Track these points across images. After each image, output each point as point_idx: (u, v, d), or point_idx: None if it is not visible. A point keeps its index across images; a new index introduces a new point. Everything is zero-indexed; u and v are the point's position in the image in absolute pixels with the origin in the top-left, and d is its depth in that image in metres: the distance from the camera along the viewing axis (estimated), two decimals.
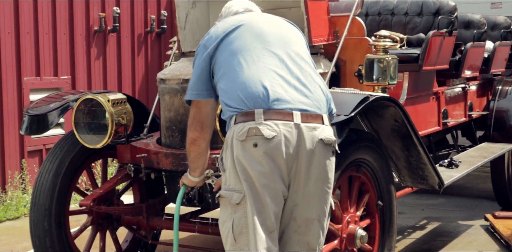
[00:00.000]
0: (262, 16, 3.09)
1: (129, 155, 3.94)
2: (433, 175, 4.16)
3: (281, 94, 2.76)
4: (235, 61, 2.84)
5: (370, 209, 3.84)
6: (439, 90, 5.19)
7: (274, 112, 2.73)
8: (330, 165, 2.85)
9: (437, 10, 5.32)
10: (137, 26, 7.51)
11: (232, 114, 2.79)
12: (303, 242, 2.86)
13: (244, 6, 3.19)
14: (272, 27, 2.98)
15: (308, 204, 2.83)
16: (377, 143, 3.79)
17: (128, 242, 4.46)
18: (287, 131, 2.72)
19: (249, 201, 2.71)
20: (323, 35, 3.97)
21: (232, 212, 2.76)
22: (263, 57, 2.84)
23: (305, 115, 2.76)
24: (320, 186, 2.83)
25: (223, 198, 2.79)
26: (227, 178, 2.80)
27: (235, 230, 2.74)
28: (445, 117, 5.25)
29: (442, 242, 5.24)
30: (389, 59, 3.96)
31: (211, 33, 2.99)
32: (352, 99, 3.34)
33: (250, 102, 2.74)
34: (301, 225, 2.84)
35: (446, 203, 6.59)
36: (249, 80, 2.77)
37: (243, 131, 2.72)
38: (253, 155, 2.70)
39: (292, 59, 2.88)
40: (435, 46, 4.76)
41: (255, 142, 2.70)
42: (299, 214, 2.83)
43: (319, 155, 2.79)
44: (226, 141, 2.81)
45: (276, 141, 2.70)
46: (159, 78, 3.88)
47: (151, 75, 7.69)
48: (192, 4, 4.09)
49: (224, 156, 2.83)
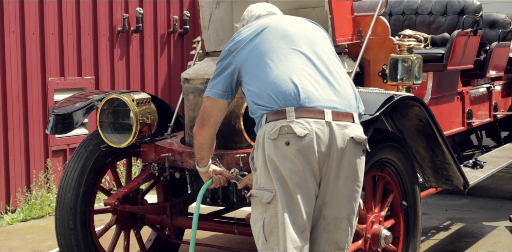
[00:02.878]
0: (286, 17, 3.11)
1: (153, 154, 3.96)
2: (457, 175, 4.15)
3: (311, 92, 2.76)
4: (263, 63, 2.85)
5: (395, 209, 3.83)
6: (464, 90, 5.17)
7: (306, 110, 2.73)
8: (361, 163, 2.85)
9: (461, 9, 5.30)
10: (160, 26, 7.54)
11: (263, 113, 2.80)
12: (332, 240, 2.86)
13: (267, 9, 3.21)
14: (296, 27, 2.99)
15: (338, 203, 2.83)
16: (401, 143, 3.78)
17: (151, 241, 4.48)
18: (319, 128, 2.72)
19: (280, 200, 2.71)
20: (347, 34, 3.96)
21: (263, 211, 2.76)
22: (290, 57, 2.85)
23: (336, 113, 2.76)
24: (350, 184, 2.83)
25: (254, 197, 2.80)
26: (258, 177, 2.80)
27: (266, 229, 2.75)
28: (470, 118, 5.23)
29: (466, 243, 5.21)
30: (413, 58, 3.95)
31: (236, 38, 3.01)
32: (377, 99, 3.33)
33: (281, 100, 2.75)
34: (330, 223, 2.84)
35: (470, 204, 6.55)
36: (279, 79, 2.78)
37: (274, 129, 2.72)
38: (285, 153, 2.70)
39: (319, 58, 2.89)
40: (459, 46, 4.76)
41: (287, 140, 2.70)
42: (328, 212, 2.83)
43: (350, 153, 2.79)
44: (257, 140, 2.81)
45: (308, 139, 2.70)
46: (183, 78, 3.90)
47: (173, 75, 7.72)
48: (216, 4, 4.10)
49: (255, 155, 2.83)
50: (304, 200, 2.73)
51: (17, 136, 6.10)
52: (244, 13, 3.29)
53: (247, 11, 3.26)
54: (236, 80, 2.97)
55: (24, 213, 5.98)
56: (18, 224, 5.86)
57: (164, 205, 4.15)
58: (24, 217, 5.96)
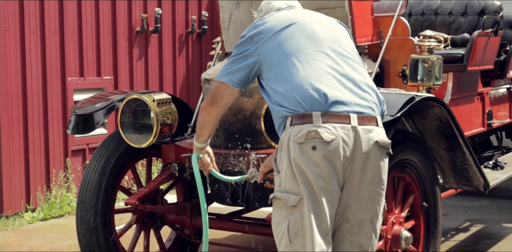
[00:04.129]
0: (312, 15, 3.06)
1: (174, 154, 3.97)
2: (478, 177, 4.14)
3: (338, 96, 2.75)
4: (289, 62, 2.82)
5: (415, 210, 3.82)
6: (484, 90, 5.15)
7: (332, 115, 2.71)
8: (384, 166, 2.84)
9: (482, 9, 5.28)
10: (178, 26, 7.57)
11: (287, 115, 2.77)
12: (355, 243, 2.85)
13: (286, 2, 3.16)
14: (324, 27, 2.96)
15: (361, 206, 2.82)
16: (422, 144, 3.77)
17: (171, 241, 4.49)
18: (345, 133, 2.71)
19: (306, 203, 2.69)
20: (367, 35, 3.97)
21: (287, 214, 2.74)
22: (317, 59, 2.83)
23: (361, 117, 2.75)
24: (374, 187, 2.82)
25: (278, 199, 2.77)
26: (282, 179, 2.77)
27: (291, 232, 2.72)
28: (490, 118, 5.21)
29: (486, 245, 5.19)
30: (434, 59, 3.94)
31: (260, 27, 2.94)
32: (398, 100, 3.33)
33: (307, 104, 2.73)
34: (354, 226, 2.83)
35: (490, 205, 6.51)
36: (305, 83, 2.75)
37: (301, 134, 2.70)
38: (312, 157, 2.69)
39: (346, 61, 2.87)
40: (480, 46, 4.74)
41: (313, 145, 2.68)
42: (352, 215, 2.82)
43: (374, 157, 2.78)
44: (281, 142, 2.79)
45: (335, 144, 2.69)
46: (203, 78, 3.91)
47: (192, 75, 7.74)
48: (236, 4, 4.11)
49: (279, 157, 2.80)
50: (328, 204, 2.72)
51: (37, 135, 6.15)
52: (262, 4, 3.25)
53: (266, 3, 3.22)
54: (255, 72, 2.93)
55: (44, 212, 6.03)
56: (38, 223, 5.91)
57: (184, 205, 4.17)
58: (44, 216, 6.01)
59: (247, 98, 3.63)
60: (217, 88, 3.00)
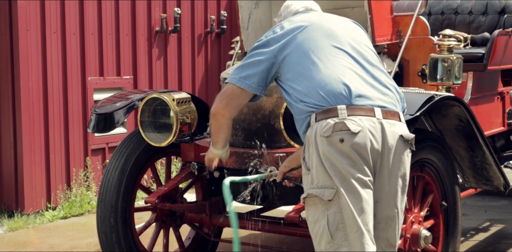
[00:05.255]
0: (328, 16, 3.09)
1: (193, 153, 4.00)
2: (498, 176, 4.13)
3: (362, 90, 2.77)
4: (309, 61, 2.84)
5: (434, 210, 3.82)
6: (504, 90, 5.13)
7: (357, 108, 2.73)
8: (408, 161, 2.86)
9: (502, 8, 5.26)
10: (197, 26, 7.60)
11: (311, 111, 2.78)
12: (383, 238, 2.86)
13: (305, 5, 3.19)
14: (340, 27, 2.99)
15: (389, 201, 2.83)
16: (441, 143, 3.77)
17: (190, 240, 4.52)
18: (371, 125, 2.72)
19: (342, 195, 2.69)
20: (386, 34, 3.98)
21: (324, 210, 2.73)
22: (337, 56, 2.85)
23: (385, 111, 2.77)
24: (400, 183, 2.83)
25: (312, 197, 2.76)
26: (313, 176, 2.76)
27: (331, 226, 2.71)
28: (510, 118, 5.19)
29: (506, 245, 5.18)
30: (453, 58, 3.95)
31: (277, 32, 2.98)
32: (418, 99, 3.34)
33: (332, 99, 2.75)
34: (381, 221, 2.84)
35: (510, 205, 6.48)
36: (328, 78, 2.78)
37: (328, 127, 2.71)
38: (341, 149, 2.69)
39: (365, 58, 2.90)
40: (500, 45, 4.73)
41: (341, 137, 2.69)
42: (379, 211, 2.82)
43: (400, 151, 2.79)
44: (308, 139, 2.79)
45: (362, 135, 2.70)
46: (222, 78, 3.93)
47: (210, 75, 7.77)
48: (255, 4, 4.14)
49: (307, 155, 2.80)
50: (365, 194, 2.71)
51: (58, 134, 6.21)
52: (281, 9, 3.27)
53: (284, 7, 3.24)
54: (273, 76, 2.95)
55: (65, 211, 6.08)
56: (58, 221, 5.96)
57: (204, 203, 4.19)
58: (65, 214, 6.06)
59: (266, 98, 3.64)
60: (232, 91, 2.99)
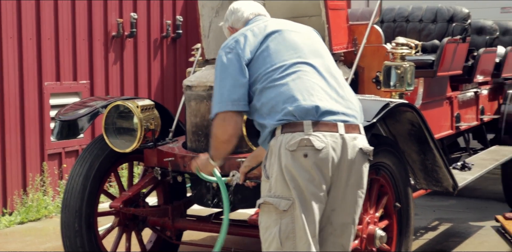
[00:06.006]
0: (289, 24, 3.13)
1: (156, 158, 4.06)
2: (447, 178, 4.27)
3: (327, 106, 2.85)
4: (275, 74, 2.90)
5: (388, 211, 3.94)
6: (453, 95, 5.29)
7: (322, 124, 2.82)
8: (366, 172, 2.97)
9: (451, 17, 5.42)
10: (153, 31, 7.63)
11: (277, 124, 2.85)
12: (338, 244, 2.97)
13: (253, 12, 3.21)
14: (303, 38, 3.05)
15: (345, 210, 2.94)
16: (395, 147, 3.90)
17: (152, 243, 4.59)
18: (334, 141, 2.82)
19: (297, 208, 2.79)
20: (343, 43, 4.10)
21: (278, 218, 2.82)
22: (304, 70, 2.92)
23: (347, 126, 2.87)
24: (356, 192, 2.94)
25: (268, 204, 2.84)
26: (272, 185, 2.85)
27: (282, 235, 2.81)
28: (458, 121, 5.35)
29: (454, 243, 5.34)
30: (406, 66, 4.08)
31: (242, 42, 2.98)
32: (374, 106, 3.46)
33: (299, 114, 2.82)
34: (337, 228, 2.95)
35: (457, 204, 6.68)
36: (296, 93, 2.85)
37: (294, 141, 2.79)
38: (303, 164, 2.78)
39: (328, 71, 2.98)
40: (449, 52, 4.87)
41: (305, 152, 2.78)
42: (336, 219, 2.93)
43: (358, 163, 2.91)
44: (271, 149, 2.87)
45: (325, 152, 2.80)
46: (185, 85, 4.01)
47: (166, 79, 7.82)
48: (215, 13, 4.21)
49: (268, 163, 2.88)
50: (317, 208, 2.82)
51: (14, 139, 6.19)
52: (227, 13, 3.26)
53: (230, 12, 3.24)
54: None
55: (21, 216, 6.06)
56: (15, 227, 5.93)
57: (166, 207, 4.27)
58: (21, 219, 6.04)
59: None
60: (223, 119, 2.95)
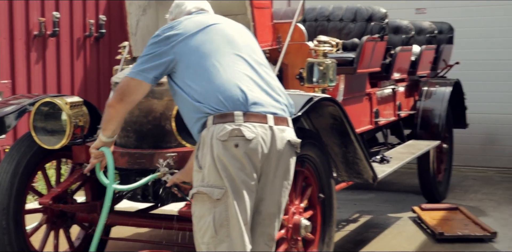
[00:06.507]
0: (227, 21, 3.23)
1: (84, 155, 4.04)
2: (368, 170, 4.43)
3: (257, 98, 2.95)
4: (209, 63, 2.97)
5: (313, 201, 4.06)
6: (372, 91, 5.47)
7: (252, 115, 2.91)
8: (293, 164, 3.09)
9: (369, 16, 5.61)
10: (76, 30, 7.58)
11: (208, 113, 2.93)
12: (266, 233, 3.07)
13: (196, 5, 3.29)
14: (238, 33, 3.16)
15: (273, 200, 3.04)
16: (319, 140, 4.04)
17: (80, 240, 4.57)
18: (263, 132, 2.92)
19: (230, 196, 2.87)
20: (267, 40, 4.22)
21: (211, 207, 2.89)
22: (236, 62, 3.01)
23: (276, 118, 2.97)
24: (283, 183, 3.05)
25: (202, 194, 2.91)
26: (205, 175, 2.92)
27: (216, 223, 2.88)
28: (377, 117, 5.53)
29: (374, 233, 5.54)
30: (328, 63, 4.23)
31: (176, 28, 3.05)
32: (298, 100, 3.57)
33: (229, 104, 2.90)
34: (265, 218, 3.05)
35: (376, 197, 6.90)
36: (228, 83, 2.93)
37: (225, 132, 2.86)
38: (235, 154, 2.86)
39: (259, 65, 3.09)
40: (368, 50, 5.04)
41: (236, 142, 2.86)
42: (264, 209, 3.03)
43: (286, 154, 3.01)
44: (203, 139, 2.93)
45: (255, 142, 2.89)
46: (113, 82, 4.03)
47: (89, 79, 7.79)
48: (142, 11, 4.26)
49: (201, 153, 2.94)
50: (249, 197, 2.91)
51: None
52: (172, 6, 3.34)
53: (176, 5, 3.32)
54: (169, 70, 3.05)
55: None
56: None
57: (95, 203, 4.27)
58: None
59: (157, 101, 3.76)
60: (127, 85, 3.09)
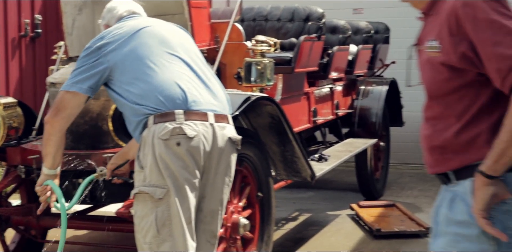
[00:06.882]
0: (158, 22, 3.22)
1: (19, 157, 3.99)
2: (306, 168, 4.48)
3: (196, 96, 2.95)
4: (145, 66, 2.96)
5: (251, 200, 4.09)
6: (309, 90, 5.51)
7: (193, 113, 2.91)
8: (234, 161, 3.10)
9: (307, 16, 5.66)
10: (11, 30, 7.41)
11: (148, 114, 2.91)
12: (208, 230, 3.08)
13: (128, 9, 3.27)
14: (172, 33, 3.14)
15: (215, 197, 3.05)
16: (257, 139, 4.06)
17: (15, 243, 4.49)
18: (204, 130, 2.92)
19: (172, 195, 2.86)
20: (205, 40, 4.22)
21: (153, 207, 2.88)
22: (172, 62, 3.00)
23: (216, 115, 2.98)
24: (225, 179, 3.06)
25: (143, 194, 2.90)
26: (146, 175, 2.90)
27: (159, 222, 2.87)
28: (315, 116, 5.58)
29: (313, 231, 5.57)
30: (266, 62, 4.25)
31: (106, 37, 3.05)
32: (236, 99, 3.60)
33: (169, 103, 2.89)
34: (207, 215, 3.05)
35: (315, 196, 6.94)
36: (166, 83, 2.92)
37: (166, 130, 2.86)
38: (177, 152, 2.86)
39: (196, 64, 3.08)
40: (305, 50, 5.08)
41: (178, 141, 2.86)
42: (206, 206, 3.04)
43: (227, 151, 3.03)
44: (144, 139, 2.92)
45: (197, 140, 2.89)
46: (49, 82, 3.98)
47: (25, 79, 7.63)
48: (78, 10, 4.22)
49: (142, 154, 2.93)
50: (191, 195, 2.91)
51: None
52: (104, 11, 3.32)
53: (107, 10, 3.30)
54: (104, 79, 3.02)
55: None
56: None
57: (30, 206, 4.20)
58: None
59: (94, 101, 3.73)
60: (61, 100, 3.03)
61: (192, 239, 2.94)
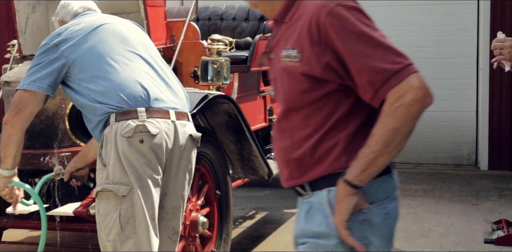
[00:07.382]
0: (117, 19, 3.22)
1: None
2: (263, 166, 4.51)
3: (158, 94, 2.97)
4: (106, 63, 2.95)
5: (209, 198, 4.10)
6: (265, 89, 5.53)
7: (155, 111, 2.92)
8: (194, 157, 3.13)
9: (262, 16, 5.68)
10: None
11: (110, 112, 2.90)
12: (170, 227, 3.10)
13: (83, 5, 3.25)
14: (130, 31, 3.15)
15: (176, 193, 3.07)
16: (214, 138, 4.08)
17: None
18: (167, 127, 2.94)
19: (136, 192, 2.87)
20: (161, 39, 4.22)
21: (117, 204, 2.88)
22: (133, 60, 3.01)
23: (177, 113, 3.00)
24: (186, 176, 3.09)
25: (107, 191, 2.89)
26: (109, 172, 2.90)
27: (122, 220, 2.87)
28: (271, 114, 5.60)
29: (270, 229, 5.60)
30: (222, 61, 4.28)
31: (63, 33, 3.02)
32: (193, 98, 3.62)
33: (132, 101, 2.90)
34: (169, 212, 3.07)
35: (272, 194, 6.94)
36: (127, 81, 2.92)
37: (129, 128, 2.86)
38: (140, 149, 2.87)
39: (155, 61, 3.10)
40: (261, 49, 5.05)
41: (141, 138, 2.87)
42: (167, 203, 3.06)
43: (188, 148, 3.06)
44: (107, 137, 2.91)
45: (160, 137, 2.91)
46: (3, 81, 3.94)
47: None
48: (32, 8, 4.18)
49: (104, 151, 2.92)
50: (155, 192, 2.93)
51: None
52: (58, 8, 3.29)
53: (61, 6, 3.27)
54: (62, 76, 2.99)
55: None
56: None
57: None
58: None
59: (50, 99, 3.70)
60: (20, 99, 2.98)
61: (156, 236, 2.95)
